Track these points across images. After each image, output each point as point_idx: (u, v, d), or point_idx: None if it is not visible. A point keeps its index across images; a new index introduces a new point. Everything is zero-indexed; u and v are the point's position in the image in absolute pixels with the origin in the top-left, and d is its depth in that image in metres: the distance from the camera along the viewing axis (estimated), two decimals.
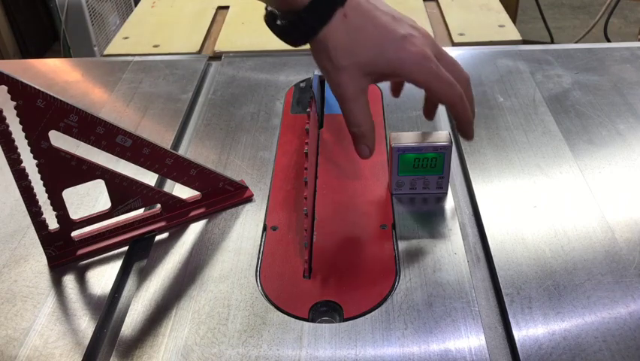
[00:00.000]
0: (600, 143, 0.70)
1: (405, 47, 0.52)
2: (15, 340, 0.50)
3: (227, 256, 0.57)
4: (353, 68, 0.52)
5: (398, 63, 0.52)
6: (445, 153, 0.60)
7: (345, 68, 0.52)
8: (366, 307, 0.51)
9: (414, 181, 0.62)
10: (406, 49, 0.52)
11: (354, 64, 0.52)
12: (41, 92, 0.48)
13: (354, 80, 0.53)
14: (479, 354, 0.47)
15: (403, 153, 0.60)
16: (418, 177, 0.62)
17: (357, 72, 0.53)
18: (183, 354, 0.48)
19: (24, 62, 1.08)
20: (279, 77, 0.88)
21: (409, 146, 0.59)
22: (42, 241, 0.56)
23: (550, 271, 0.54)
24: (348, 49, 0.52)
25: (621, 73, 0.84)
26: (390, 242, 0.58)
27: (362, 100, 0.54)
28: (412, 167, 0.61)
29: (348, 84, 0.53)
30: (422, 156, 0.60)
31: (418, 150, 0.59)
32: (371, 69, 0.53)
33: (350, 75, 0.53)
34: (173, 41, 1.07)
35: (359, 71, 0.53)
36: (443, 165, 0.61)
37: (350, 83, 0.53)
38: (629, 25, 2.82)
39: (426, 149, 0.59)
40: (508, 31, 1.04)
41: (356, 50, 0.52)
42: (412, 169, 0.61)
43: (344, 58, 0.52)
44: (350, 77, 0.53)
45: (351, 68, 0.52)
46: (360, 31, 0.52)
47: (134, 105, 0.82)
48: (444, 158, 0.60)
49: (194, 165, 0.60)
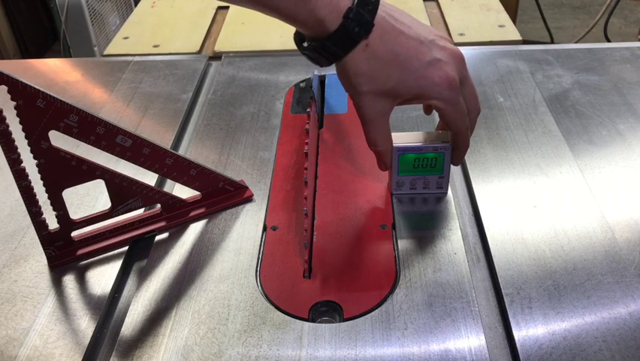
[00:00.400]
0: (600, 143, 0.70)
1: (428, 73, 0.53)
2: (15, 340, 0.50)
3: (227, 256, 0.57)
4: (373, 94, 0.53)
5: (419, 90, 0.53)
6: (445, 153, 0.60)
7: (366, 94, 0.53)
8: (366, 307, 0.51)
9: (414, 181, 0.62)
10: (428, 76, 0.53)
11: (375, 90, 0.53)
12: (41, 92, 0.48)
13: (375, 104, 0.54)
14: (479, 354, 0.47)
15: (404, 153, 0.60)
16: (418, 177, 0.62)
17: (377, 98, 0.54)
18: (183, 354, 0.48)
19: (24, 62, 1.08)
20: (279, 77, 0.88)
21: (409, 146, 0.59)
22: (42, 241, 0.56)
23: (550, 271, 0.54)
24: (368, 76, 0.52)
25: (621, 73, 0.84)
26: (390, 242, 0.58)
27: (382, 123, 0.56)
28: (412, 167, 0.61)
29: (368, 108, 0.54)
30: (422, 156, 0.60)
31: (418, 150, 0.59)
32: (393, 95, 0.54)
33: (370, 100, 0.54)
34: (173, 41, 1.07)
35: (380, 96, 0.53)
36: (443, 165, 0.61)
37: (370, 106, 0.54)
38: (629, 25, 2.82)
39: (426, 149, 0.59)
40: (508, 31, 1.04)
41: (376, 78, 0.52)
42: (412, 169, 0.61)
43: (364, 85, 0.53)
44: (371, 101, 0.54)
45: (371, 94, 0.53)
46: (382, 60, 0.52)
47: (134, 105, 0.82)
48: (444, 158, 0.60)
49: (194, 165, 0.60)
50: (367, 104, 0.54)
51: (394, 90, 0.53)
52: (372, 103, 0.54)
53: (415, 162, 0.61)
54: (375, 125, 0.55)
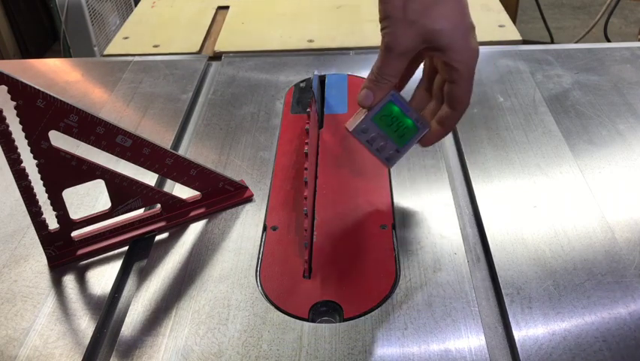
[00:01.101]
0: (600, 143, 0.70)
1: (469, 38, 0.52)
2: (15, 340, 0.50)
3: (227, 256, 0.57)
4: (417, 28, 0.50)
5: (456, 48, 0.52)
6: (419, 132, 0.58)
7: (410, 25, 0.50)
8: (366, 307, 0.51)
9: (375, 136, 0.58)
10: (469, 41, 0.52)
11: (422, 26, 0.50)
12: (41, 92, 0.48)
13: (410, 39, 0.51)
14: (479, 354, 0.47)
15: (392, 102, 0.57)
16: (382, 135, 0.58)
17: (417, 33, 0.51)
18: (183, 354, 0.48)
19: (24, 62, 1.08)
20: (279, 77, 0.88)
21: (401, 100, 0.57)
22: (42, 241, 0.56)
23: (550, 271, 0.54)
24: (426, 7, 0.50)
25: (621, 73, 0.84)
26: (391, 242, 0.58)
27: (405, 60, 0.53)
28: (387, 121, 0.57)
29: (402, 40, 0.51)
30: (402, 118, 0.57)
31: (405, 109, 0.57)
32: (431, 39, 0.51)
33: (409, 32, 0.51)
34: (173, 41, 1.07)
35: (420, 34, 0.51)
36: (409, 140, 0.58)
37: (404, 39, 0.51)
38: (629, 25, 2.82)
39: (410, 114, 0.57)
40: (508, 31, 1.04)
41: (432, 14, 0.50)
42: (384, 123, 0.57)
43: (416, 13, 0.50)
44: (408, 33, 0.51)
45: (415, 27, 0.50)
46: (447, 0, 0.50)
47: (134, 105, 0.82)
48: (414, 135, 0.58)
49: (194, 165, 0.60)
50: (402, 35, 0.51)
51: (437, 34, 0.51)
52: (408, 36, 0.51)
53: (392, 119, 0.57)
54: (397, 60, 0.52)
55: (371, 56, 0.91)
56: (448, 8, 0.51)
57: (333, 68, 0.89)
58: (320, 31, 1.06)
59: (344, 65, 0.90)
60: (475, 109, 0.77)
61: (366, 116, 0.56)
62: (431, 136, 0.58)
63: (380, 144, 0.58)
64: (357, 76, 0.86)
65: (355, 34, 1.04)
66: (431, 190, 0.64)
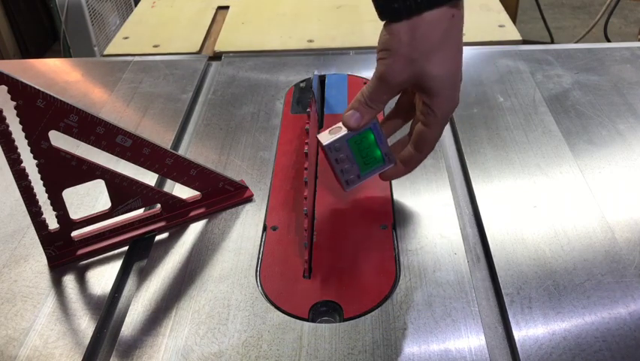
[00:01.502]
0: (600, 143, 0.70)
1: (457, 90, 0.52)
2: (15, 340, 0.50)
3: (227, 256, 0.57)
4: (416, 67, 0.50)
5: (443, 95, 0.52)
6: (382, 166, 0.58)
7: (411, 62, 0.50)
8: (366, 307, 0.51)
9: (344, 158, 0.57)
10: (456, 92, 0.53)
11: (421, 67, 0.50)
12: (41, 92, 0.48)
13: (406, 75, 0.51)
14: (479, 354, 0.47)
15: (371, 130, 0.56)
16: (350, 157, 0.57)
17: (414, 72, 0.50)
18: (183, 354, 0.48)
19: (24, 62, 1.08)
20: (279, 77, 0.88)
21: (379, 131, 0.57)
22: (42, 241, 0.56)
23: (550, 271, 0.54)
24: (431, 50, 0.49)
25: (621, 73, 0.84)
26: (390, 242, 0.58)
27: (393, 92, 0.53)
28: (362, 146, 0.57)
29: (397, 74, 0.51)
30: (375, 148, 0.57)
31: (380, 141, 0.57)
32: (424, 81, 0.51)
33: (407, 69, 0.50)
34: (173, 41, 1.07)
35: (417, 73, 0.50)
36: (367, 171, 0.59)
37: (399, 74, 0.51)
38: (629, 25, 2.82)
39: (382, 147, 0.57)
40: (508, 31, 1.04)
41: (434, 58, 0.50)
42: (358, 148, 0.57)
43: (420, 54, 0.49)
44: (404, 70, 0.50)
45: (414, 65, 0.50)
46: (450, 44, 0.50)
47: (134, 105, 0.82)
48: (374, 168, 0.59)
49: (194, 165, 0.60)
50: (399, 70, 0.50)
51: (430, 78, 0.50)
52: (403, 73, 0.50)
53: (365, 146, 0.57)
54: (389, 91, 0.52)
55: (371, 56, 0.92)
56: (448, 55, 0.51)
57: (333, 68, 0.89)
58: (320, 31, 1.06)
59: (344, 65, 0.90)
60: (475, 109, 0.77)
61: (344, 136, 0.56)
62: (392, 173, 0.59)
63: (345, 166, 0.58)
64: (357, 76, 0.86)
65: (355, 34, 1.04)
66: (431, 190, 0.64)
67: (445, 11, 0.49)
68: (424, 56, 0.50)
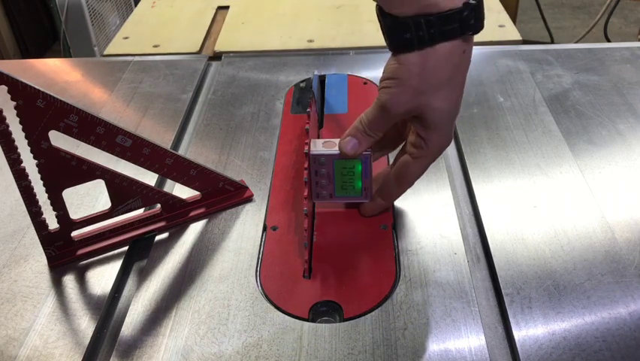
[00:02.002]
0: (600, 143, 0.70)
1: (453, 124, 0.53)
2: (15, 340, 0.50)
3: (227, 256, 0.57)
4: (420, 99, 0.49)
5: (441, 129, 0.52)
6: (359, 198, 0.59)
7: (417, 94, 0.49)
8: (366, 307, 0.51)
9: (324, 173, 0.58)
10: (452, 127, 0.53)
11: (426, 99, 0.49)
12: (41, 92, 0.48)
13: (409, 105, 0.50)
14: (479, 354, 0.47)
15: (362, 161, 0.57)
16: (329, 176, 0.58)
17: (418, 104, 0.50)
18: (183, 354, 0.48)
19: (24, 62, 1.08)
20: (279, 77, 0.88)
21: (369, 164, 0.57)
22: (42, 241, 0.56)
23: (550, 271, 0.54)
24: (440, 84, 0.49)
25: (621, 73, 0.84)
26: (390, 242, 0.58)
27: (391, 121, 0.53)
28: (345, 171, 0.58)
29: (401, 104, 0.50)
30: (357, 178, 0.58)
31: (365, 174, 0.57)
32: (425, 113, 0.50)
33: (412, 101, 0.49)
34: (173, 41, 1.07)
35: (420, 105, 0.50)
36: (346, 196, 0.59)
37: (404, 104, 0.50)
38: (629, 25, 2.82)
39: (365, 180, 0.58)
40: (508, 31, 1.04)
41: (440, 92, 0.49)
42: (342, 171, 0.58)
43: (428, 86, 0.48)
44: (409, 101, 0.49)
45: (420, 98, 0.49)
46: (458, 80, 0.50)
47: (134, 105, 0.82)
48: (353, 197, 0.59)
49: (194, 165, 0.60)
50: (404, 101, 0.49)
51: (430, 110, 0.50)
52: (408, 104, 0.50)
53: (348, 173, 0.58)
54: (387, 119, 0.52)
55: (371, 56, 0.92)
56: (454, 90, 0.50)
57: (333, 68, 0.89)
58: (320, 31, 1.06)
59: (344, 65, 0.90)
60: (475, 109, 0.77)
61: (333, 155, 0.57)
62: (372, 207, 0.60)
63: (322, 181, 0.59)
64: (357, 76, 0.86)
65: (355, 34, 1.04)
66: (431, 190, 0.64)
67: (459, 45, 0.48)
68: (432, 88, 0.49)
